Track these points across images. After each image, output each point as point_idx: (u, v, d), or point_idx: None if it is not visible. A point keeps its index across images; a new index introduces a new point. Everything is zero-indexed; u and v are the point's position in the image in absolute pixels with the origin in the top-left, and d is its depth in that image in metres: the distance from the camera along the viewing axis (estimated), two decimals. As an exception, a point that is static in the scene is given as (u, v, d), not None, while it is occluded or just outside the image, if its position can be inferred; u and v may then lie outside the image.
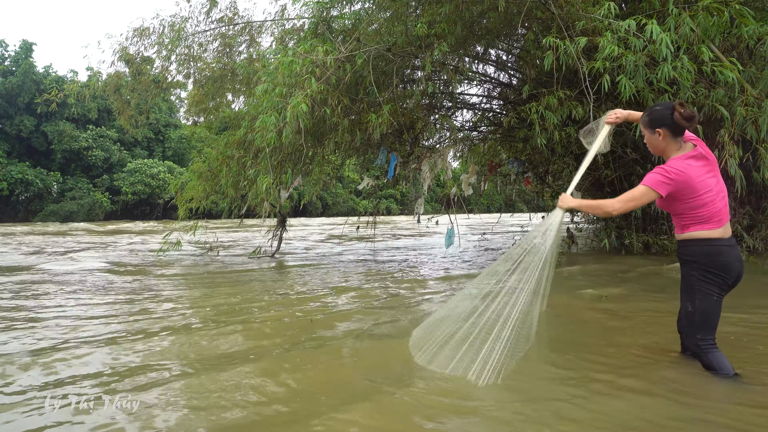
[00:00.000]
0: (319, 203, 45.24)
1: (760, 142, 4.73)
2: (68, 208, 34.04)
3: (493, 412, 2.02)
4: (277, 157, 6.82)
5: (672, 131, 2.26)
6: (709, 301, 2.26)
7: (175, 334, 3.36)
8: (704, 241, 2.23)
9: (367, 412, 2.04)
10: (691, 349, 2.39)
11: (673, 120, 2.23)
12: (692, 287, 2.29)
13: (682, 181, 2.19)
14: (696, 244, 2.25)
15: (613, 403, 2.10)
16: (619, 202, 2.28)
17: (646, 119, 2.35)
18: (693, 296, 2.29)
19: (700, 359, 2.35)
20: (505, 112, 9.49)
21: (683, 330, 2.41)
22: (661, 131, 2.28)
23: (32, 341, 3.19)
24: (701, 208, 2.22)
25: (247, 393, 2.24)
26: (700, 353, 2.33)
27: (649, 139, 2.36)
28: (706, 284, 2.26)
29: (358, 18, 6.82)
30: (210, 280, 6.16)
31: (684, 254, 2.31)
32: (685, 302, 2.34)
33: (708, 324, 2.28)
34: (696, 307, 2.28)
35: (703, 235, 2.23)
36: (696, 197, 2.21)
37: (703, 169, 2.23)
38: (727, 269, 2.23)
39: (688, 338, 2.38)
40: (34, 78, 35.40)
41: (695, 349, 2.35)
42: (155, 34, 9.06)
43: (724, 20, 4.47)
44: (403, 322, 3.53)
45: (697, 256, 2.25)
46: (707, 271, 2.24)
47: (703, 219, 2.22)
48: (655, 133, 2.31)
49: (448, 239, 7.97)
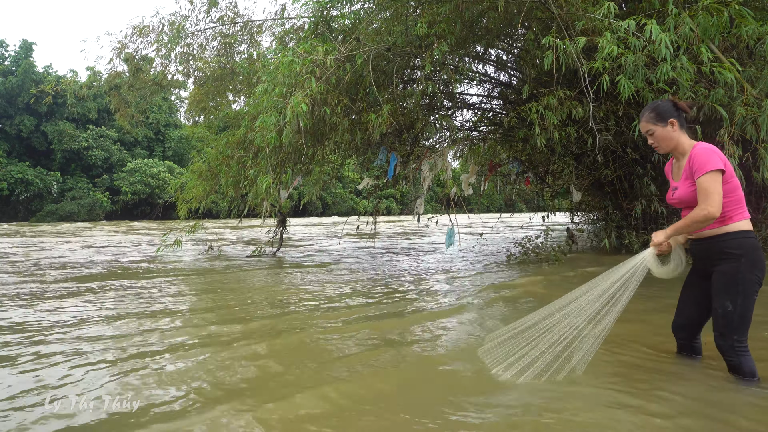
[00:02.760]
0: (319, 203, 45.25)
1: (759, 142, 4.73)
2: (68, 208, 34.03)
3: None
4: (277, 156, 6.82)
5: (680, 121, 2.28)
6: (751, 301, 2.13)
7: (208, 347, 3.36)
8: (749, 233, 2.11)
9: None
10: (724, 350, 2.20)
11: (678, 109, 2.27)
12: (737, 284, 2.12)
13: (722, 155, 2.13)
14: (744, 236, 2.11)
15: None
16: (704, 204, 2.08)
17: (654, 115, 2.31)
18: (737, 295, 2.12)
19: (730, 361, 2.21)
20: (505, 111, 9.49)
21: (718, 330, 2.21)
22: (674, 121, 2.27)
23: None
24: (738, 190, 2.14)
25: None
26: (734, 355, 2.18)
27: (662, 133, 2.29)
28: (752, 282, 2.12)
29: (358, 18, 6.82)
30: (210, 280, 6.16)
31: (732, 247, 2.13)
32: (725, 301, 2.15)
33: (745, 325, 2.15)
34: (738, 306, 2.12)
35: (747, 226, 2.12)
36: (733, 177, 2.15)
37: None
38: (765, 266, 2.13)
39: (721, 338, 2.19)
40: (34, 78, 35.40)
41: (729, 351, 2.18)
42: (155, 32, 9.06)
43: (724, 20, 4.47)
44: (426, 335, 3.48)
45: (747, 250, 2.10)
46: (754, 266, 2.11)
47: (741, 204, 2.13)
48: (668, 125, 2.28)
49: (449, 239, 7.97)
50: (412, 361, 2.75)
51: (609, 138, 6.40)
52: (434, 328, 3.49)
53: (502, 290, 4.99)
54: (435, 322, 3.65)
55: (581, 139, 6.58)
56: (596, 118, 5.48)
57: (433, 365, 2.67)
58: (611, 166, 7.37)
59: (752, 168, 5.39)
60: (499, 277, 5.99)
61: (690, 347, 2.52)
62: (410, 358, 2.80)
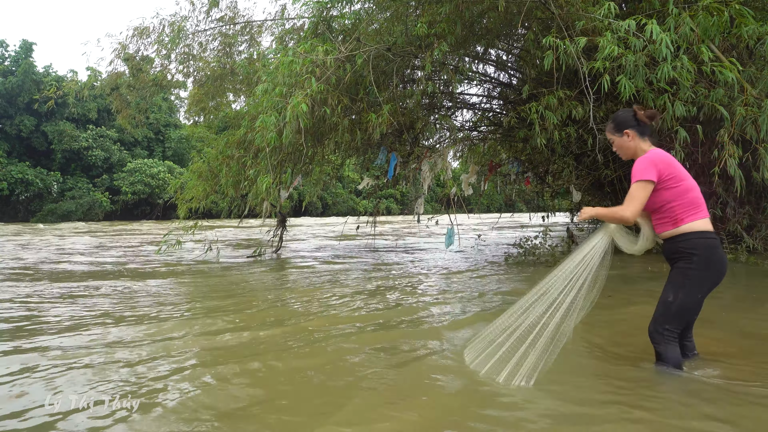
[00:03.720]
0: (319, 203, 45.24)
1: (759, 142, 4.73)
2: (68, 208, 34.03)
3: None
4: (277, 156, 6.82)
5: (639, 132, 2.36)
6: (694, 297, 2.23)
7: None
8: (704, 234, 2.19)
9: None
10: (653, 336, 2.33)
11: (638, 120, 2.35)
12: (683, 279, 2.23)
13: (665, 162, 2.23)
14: (698, 237, 2.19)
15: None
16: (626, 205, 2.25)
17: (612, 126, 2.44)
18: (679, 288, 2.24)
19: (657, 347, 2.32)
20: (505, 112, 9.49)
21: (654, 317, 2.33)
22: (630, 132, 2.38)
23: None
24: (690, 192, 2.21)
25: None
26: (660, 342, 2.29)
27: (620, 143, 2.43)
28: (699, 279, 2.20)
29: (358, 18, 6.82)
30: (210, 282, 6.16)
31: (685, 247, 2.21)
32: (668, 292, 2.27)
33: (682, 318, 2.27)
34: (677, 299, 2.24)
35: (702, 226, 2.20)
36: (682, 181, 2.22)
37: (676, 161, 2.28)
38: (723, 265, 2.21)
39: (653, 324, 2.32)
40: (34, 78, 35.38)
41: (657, 338, 2.30)
42: (155, 33, 9.06)
43: (724, 20, 4.47)
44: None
45: (700, 249, 2.18)
46: (707, 266, 2.18)
47: (695, 206, 2.21)
48: (624, 135, 2.39)
49: (449, 239, 7.98)
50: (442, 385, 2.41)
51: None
52: (447, 339, 3.40)
53: (506, 297, 4.79)
54: (454, 333, 3.40)
55: (581, 139, 6.58)
56: (596, 118, 5.47)
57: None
58: (611, 166, 7.36)
59: (752, 168, 5.39)
60: (497, 280, 5.98)
61: (681, 346, 2.52)
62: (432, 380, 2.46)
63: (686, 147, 5.18)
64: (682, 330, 2.48)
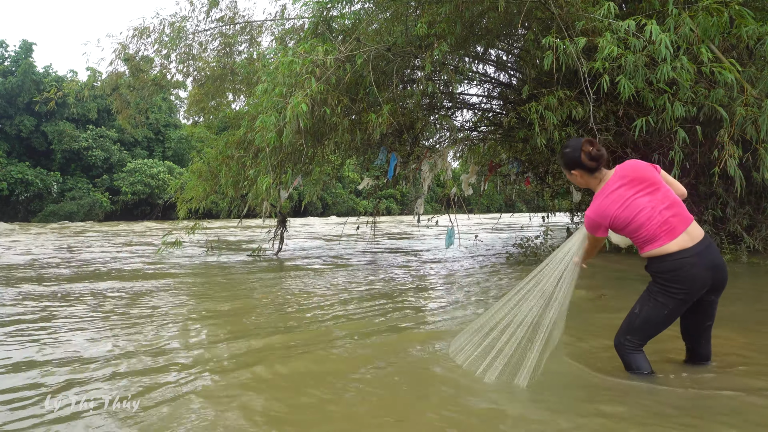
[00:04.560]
0: (319, 203, 45.23)
1: (759, 142, 4.73)
2: (68, 208, 34.02)
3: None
4: (277, 157, 6.82)
5: (586, 170, 2.33)
6: (658, 313, 2.25)
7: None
8: (663, 258, 2.21)
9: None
10: (616, 346, 2.38)
11: (582, 163, 2.31)
12: (650, 295, 2.30)
13: (608, 217, 2.24)
14: (657, 261, 2.24)
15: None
16: (588, 244, 2.43)
17: (561, 162, 2.43)
18: (645, 302, 2.30)
19: (621, 356, 2.37)
20: (505, 112, 9.49)
21: (620, 327, 2.39)
22: (576, 172, 2.36)
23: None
24: (639, 230, 2.22)
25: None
26: (622, 353, 2.35)
27: (571, 178, 2.43)
28: (664, 297, 2.23)
29: (358, 18, 6.82)
30: (210, 283, 6.16)
31: (649, 270, 2.32)
32: (636, 304, 2.35)
33: (644, 332, 2.31)
34: (642, 312, 2.29)
35: (659, 252, 2.21)
36: (629, 224, 2.22)
37: (626, 194, 2.23)
38: (690, 281, 2.18)
39: (617, 335, 2.39)
40: (34, 78, 35.36)
41: (619, 347, 2.36)
42: (155, 33, 9.07)
43: (724, 20, 4.47)
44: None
45: (660, 272, 2.24)
46: (667, 285, 2.22)
47: (648, 239, 2.22)
48: (572, 175, 2.38)
49: (449, 239, 7.98)
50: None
51: (609, 138, 6.39)
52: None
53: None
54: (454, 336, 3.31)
55: (581, 140, 6.57)
56: (596, 119, 5.48)
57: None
58: (611, 166, 7.37)
59: (752, 168, 5.39)
60: (498, 280, 5.99)
61: (693, 353, 2.52)
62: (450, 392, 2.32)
63: (686, 147, 5.18)
64: (695, 336, 2.47)
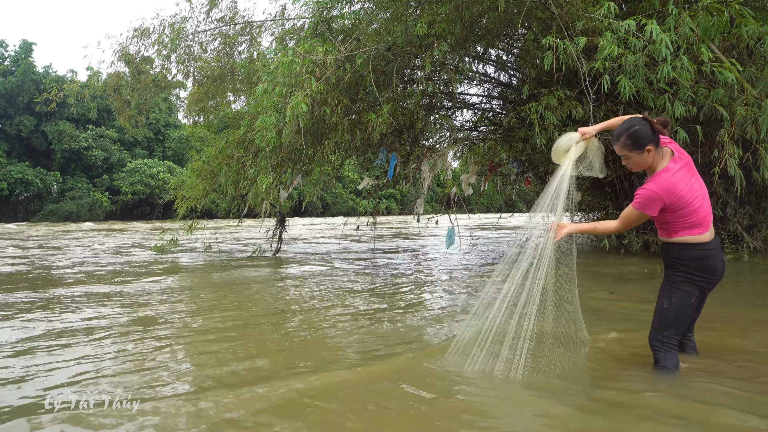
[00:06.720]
0: (319, 203, 45.24)
1: (760, 142, 4.73)
2: (68, 208, 34.04)
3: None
4: (276, 156, 6.82)
5: (656, 144, 2.26)
6: (687, 302, 2.29)
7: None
8: (694, 246, 2.24)
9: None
10: (653, 343, 2.38)
11: (654, 131, 2.23)
12: (673, 286, 2.31)
13: (674, 196, 2.18)
14: (685, 248, 2.25)
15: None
16: (618, 222, 2.34)
17: (629, 142, 2.26)
18: (672, 294, 2.31)
19: (656, 353, 2.36)
20: (505, 112, 9.49)
21: (653, 324, 2.38)
22: (651, 147, 2.24)
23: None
24: (691, 215, 2.21)
25: None
26: (660, 348, 2.34)
27: (637, 159, 2.29)
28: (689, 285, 2.27)
29: (358, 18, 6.82)
30: (209, 283, 6.15)
31: (671, 256, 2.32)
32: (662, 299, 2.35)
33: (679, 323, 2.32)
34: (672, 304, 2.30)
35: (693, 239, 2.23)
36: (687, 206, 2.20)
37: (687, 175, 2.22)
38: (713, 272, 2.26)
39: (652, 332, 2.38)
40: (34, 78, 35.39)
41: (657, 344, 2.35)
42: (155, 33, 9.07)
43: (724, 20, 4.47)
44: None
45: (685, 259, 2.26)
46: (693, 273, 2.26)
47: (693, 224, 2.22)
48: (644, 152, 2.25)
49: (449, 239, 7.98)
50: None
51: (609, 137, 6.40)
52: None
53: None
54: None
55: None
56: (596, 118, 5.48)
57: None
58: (611, 166, 7.35)
59: (752, 168, 5.39)
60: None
61: (681, 344, 2.55)
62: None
63: (686, 147, 5.18)
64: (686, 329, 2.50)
